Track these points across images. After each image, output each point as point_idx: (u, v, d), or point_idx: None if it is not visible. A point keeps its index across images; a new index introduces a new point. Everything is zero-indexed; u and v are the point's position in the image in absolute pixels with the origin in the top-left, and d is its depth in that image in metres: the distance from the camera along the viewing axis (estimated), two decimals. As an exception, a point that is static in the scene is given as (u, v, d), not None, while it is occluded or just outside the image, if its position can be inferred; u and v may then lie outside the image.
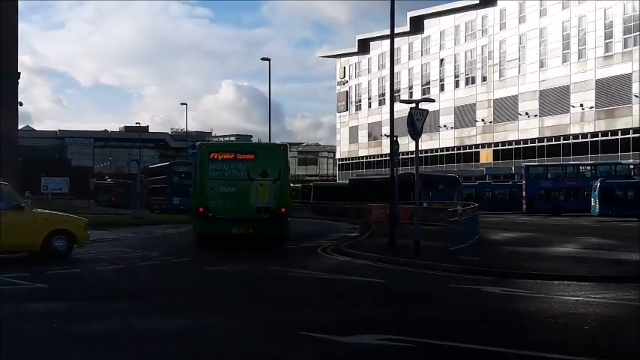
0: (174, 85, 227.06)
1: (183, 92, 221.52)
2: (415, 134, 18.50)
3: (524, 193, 51.05)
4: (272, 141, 44.30)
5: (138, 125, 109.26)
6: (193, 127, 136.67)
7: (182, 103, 77.83)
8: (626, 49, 57.99)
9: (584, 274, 14.81)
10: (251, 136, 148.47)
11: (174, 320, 9.79)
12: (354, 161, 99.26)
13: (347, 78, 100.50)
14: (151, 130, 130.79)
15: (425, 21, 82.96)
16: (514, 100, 70.08)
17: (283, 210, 20.98)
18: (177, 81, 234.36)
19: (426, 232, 20.65)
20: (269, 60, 46.26)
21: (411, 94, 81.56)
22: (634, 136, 57.21)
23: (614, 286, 13.43)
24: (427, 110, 19.06)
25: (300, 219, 39.23)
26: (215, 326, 9.47)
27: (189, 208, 28.96)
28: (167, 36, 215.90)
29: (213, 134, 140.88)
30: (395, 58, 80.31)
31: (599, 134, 60.97)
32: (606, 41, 60.00)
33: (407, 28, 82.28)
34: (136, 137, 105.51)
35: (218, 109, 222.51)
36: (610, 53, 59.70)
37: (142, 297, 12.01)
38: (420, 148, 19.90)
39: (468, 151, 77.53)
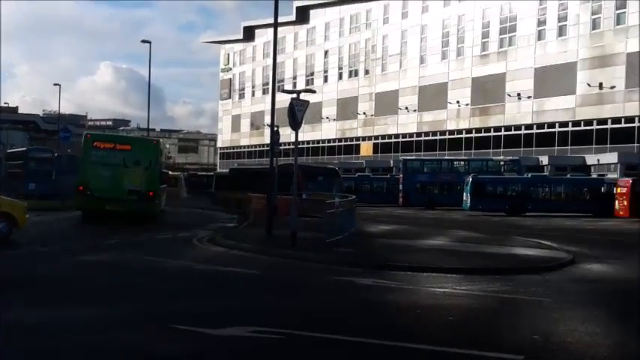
0: (49, 65, 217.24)
1: (58, 72, 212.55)
2: (295, 125, 18.50)
3: (401, 186, 52.37)
4: (151, 126, 44.45)
5: (7, 106, 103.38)
6: (68, 109, 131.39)
7: (55, 84, 73.81)
8: (501, 49, 60.73)
9: (452, 267, 15.36)
10: (129, 121, 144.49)
11: (41, 313, 9.30)
12: (236, 150, 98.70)
13: (231, 65, 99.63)
14: (21, 111, 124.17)
15: (311, 11, 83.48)
16: (395, 94, 71.82)
17: (151, 193, 25.55)
18: (52, 61, 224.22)
19: (305, 223, 20.75)
20: (150, 42, 45.01)
21: (295, 84, 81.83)
22: (505, 133, 60.15)
23: (480, 278, 13.99)
24: (308, 101, 19.10)
25: (183, 208, 38.64)
26: (80, 319, 9.08)
27: (45, 194, 35.42)
28: (41, 13, 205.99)
29: (88, 117, 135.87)
30: (280, 47, 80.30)
31: (474, 131, 63.60)
32: (483, 40, 62.58)
33: (293, 18, 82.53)
34: (3, 118, 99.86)
35: (95, 92, 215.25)
36: (486, 52, 62.32)
37: (8, 290, 11.33)
38: (302, 139, 19.95)
39: (349, 143, 78.81)
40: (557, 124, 55.75)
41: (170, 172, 53.80)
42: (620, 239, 25.43)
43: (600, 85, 51.46)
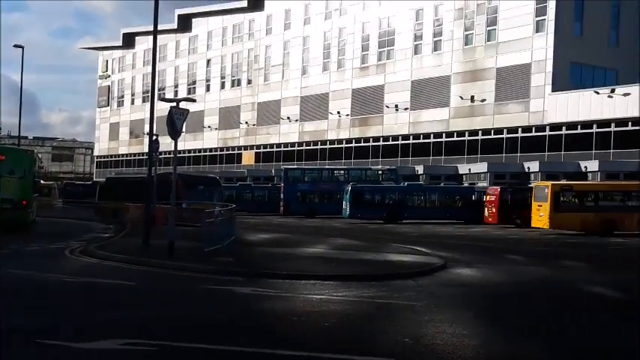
0: None
1: None
2: (174, 133, 18.22)
3: (282, 195, 52.60)
4: (23, 134, 43.12)
5: None
6: None
7: None
8: (380, 62, 62.41)
9: (330, 274, 15.59)
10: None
11: None
12: (114, 159, 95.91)
13: (110, 72, 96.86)
14: None
15: (193, 20, 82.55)
16: (277, 104, 72.21)
17: (24, 202, 26.45)
18: None
19: (183, 232, 20.46)
20: (22, 47, 43.10)
21: (176, 92, 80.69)
22: (383, 143, 61.82)
23: (356, 285, 14.29)
24: (187, 110, 18.86)
25: (57, 218, 37.09)
26: None
27: None
28: None
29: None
30: (161, 55, 78.78)
31: (353, 141, 64.93)
32: (363, 53, 64.10)
33: (174, 26, 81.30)
34: None
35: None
36: (366, 65, 63.85)
37: None
38: (183, 148, 19.69)
39: (231, 152, 78.40)
40: (432, 135, 57.91)
41: (42, 182, 51.47)
42: (489, 245, 26.65)
43: (472, 98, 53.94)
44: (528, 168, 48.13)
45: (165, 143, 28.82)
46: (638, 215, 32.95)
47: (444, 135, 57.10)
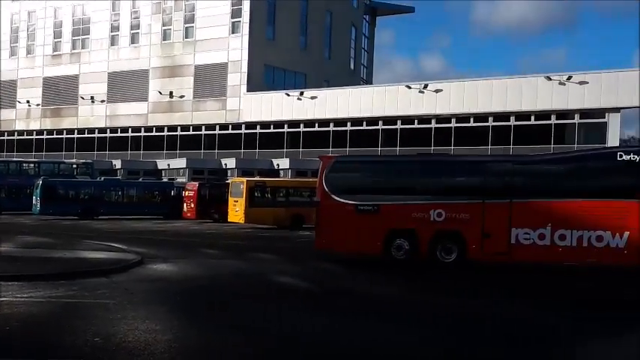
0: None
1: None
2: None
3: (-39, 189, 47.41)
4: None
5: None
6: None
7: None
8: (74, 51, 59.39)
9: (14, 274, 14.47)
10: None
11: None
12: None
13: None
14: None
15: None
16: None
17: None
18: None
19: None
20: None
21: None
22: (79, 136, 59.01)
23: (44, 285, 13.45)
24: None
25: None
26: None
27: None
28: None
29: None
30: None
31: (45, 132, 61.01)
32: (55, 40, 60.45)
33: None
34: None
35: None
36: (59, 53, 60.32)
37: None
38: None
39: None
40: (130, 129, 56.71)
41: None
42: (187, 240, 26.87)
43: (171, 94, 53.90)
44: (225, 164, 49.49)
45: None
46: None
47: (142, 129, 56.26)
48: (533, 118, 41.20)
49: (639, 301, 14.10)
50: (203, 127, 53.39)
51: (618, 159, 17.50)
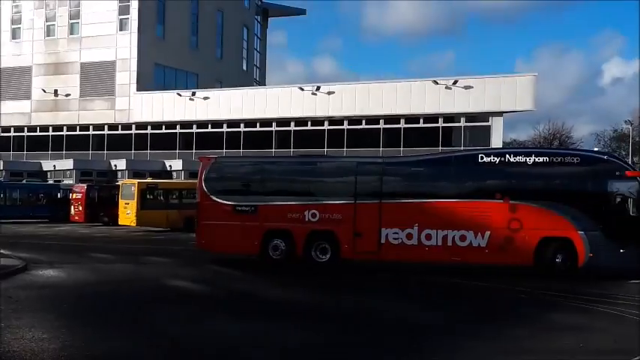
0: None
1: None
2: None
3: None
4: None
5: None
6: None
7: None
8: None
9: None
10: None
11: None
12: None
13: None
14: None
15: None
16: None
17: None
18: None
19: None
20: None
21: None
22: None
23: None
24: None
25: None
26: None
27: None
28: None
29: None
30: None
31: None
32: None
33: None
34: None
35: None
36: None
37: None
38: None
39: None
40: (12, 129, 54.08)
41: None
42: (76, 244, 25.94)
43: (55, 92, 51.82)
44: (115, 166, 48.10)
45: None
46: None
47: (25, 129, 53.77)
48: (422, 120, 42.44)
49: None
50: (91, 127, 51.63)
51: (479, 161, 18.16)
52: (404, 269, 18.53)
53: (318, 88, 44.23)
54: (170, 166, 46.70)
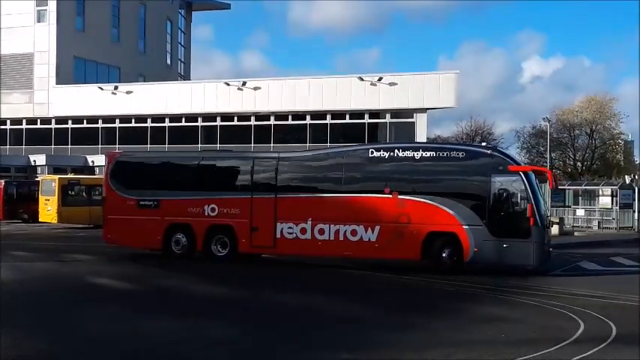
0: None
1: None
2: None
3: None
4: None
5: None
6: None
7: None
8: None
9: None
10: None
11: None
12: None
13: None
14: None
15: None
16: None
17: None
18: None
19: None
20: None
21: None
22: None
23: None
24: None
25: None
26: None
27: None
28: None
29: None
30: None
31: None
32: None
33: None
34: None
35: None
36: None
37: None
38: None
39: None
40: None
41: None
42: (4, 242, 25.07)
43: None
44: (34, 161, 46.58)
45: None
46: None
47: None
48: (347, 116, 42.87)
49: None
50: (8, 122, 49.81)
51: (370, 155, 18.37)
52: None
53: (244, 84, 44.03)
54: (93, 161, 45.61)
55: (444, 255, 17.21)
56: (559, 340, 9.50)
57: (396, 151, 18.05)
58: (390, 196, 17.57)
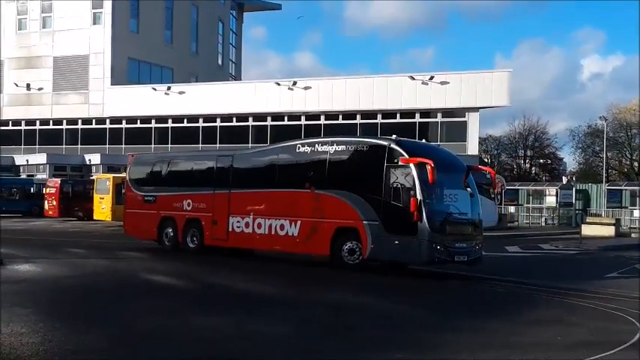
0: None
1: None
2: None
3: None
4: None
5: None
6: None
7: None
8: None
9: None
10: None
11: None
12: None
13: None
14: None
15: None
16: None
17: None
18: None
19: None
20: None
21: None
22: None
23: None
24: None
25: None
26: None
27: None
28: None
29: None
30: None
31: None
32: None
33: None
34: None
35: None
36: None
37: None
38: None
39: None
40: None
41: None
42: (51, 238, 25.66)
43: (28, 86, 51.19)
44: (89, 160, 47.66)
45: None
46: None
47: (-4, 124, 53.06)
48: (398, 116, 42.58)
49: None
50: (64, 122, 51.08)
51: (296, 151, 18.38)
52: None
53: (294, 83, 44.18)
54: (145, 160, 46.29)
55: (343, 251, 16.69)
56: (616, 343, 9.20)
57: (316, 145, 18.01)
58: (309, 191, 17.58)
